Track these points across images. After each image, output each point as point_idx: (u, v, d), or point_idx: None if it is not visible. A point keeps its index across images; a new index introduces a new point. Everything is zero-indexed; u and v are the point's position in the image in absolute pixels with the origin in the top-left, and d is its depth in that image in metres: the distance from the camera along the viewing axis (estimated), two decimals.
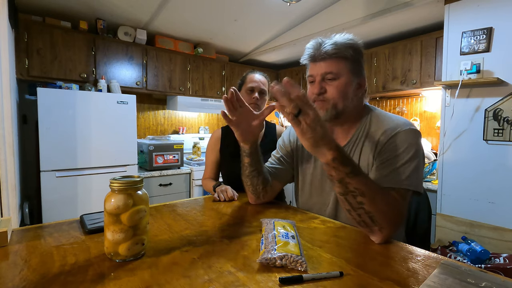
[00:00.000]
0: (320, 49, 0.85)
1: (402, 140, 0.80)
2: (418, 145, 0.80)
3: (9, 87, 1.52)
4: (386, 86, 2.82)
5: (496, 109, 1.88)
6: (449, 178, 2.10)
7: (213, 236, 0.75)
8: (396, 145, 0.80)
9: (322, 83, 0.85)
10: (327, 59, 0.84)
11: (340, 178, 0.69)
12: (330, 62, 0.84)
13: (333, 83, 0.85)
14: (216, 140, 1.48)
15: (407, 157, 0.78)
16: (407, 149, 0.79)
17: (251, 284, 0.52)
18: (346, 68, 0.85)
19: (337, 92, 0.84)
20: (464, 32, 1.99)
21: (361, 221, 0.72)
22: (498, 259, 1.69)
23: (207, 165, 1.50)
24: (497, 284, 0.50)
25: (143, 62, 2.91)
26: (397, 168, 0.77)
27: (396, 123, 0.84)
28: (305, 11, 2.48)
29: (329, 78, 0.85)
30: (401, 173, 0.77)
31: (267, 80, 1.43)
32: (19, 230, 0.77)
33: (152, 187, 2.73)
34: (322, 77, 0.85)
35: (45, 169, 2.18)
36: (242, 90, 1.41)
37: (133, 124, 2.59)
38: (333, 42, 0.85)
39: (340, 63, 0.84)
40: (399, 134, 0.81)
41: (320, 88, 0.85)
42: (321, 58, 0.85)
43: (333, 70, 0.84)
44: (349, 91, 0.86)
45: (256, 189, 1.01)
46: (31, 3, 2.33)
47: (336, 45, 0.84)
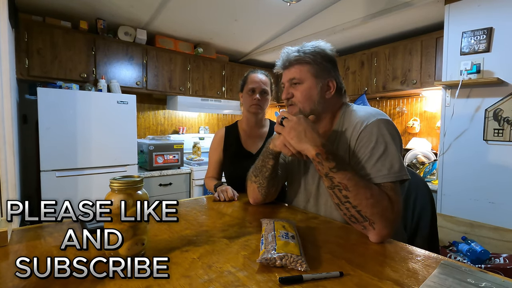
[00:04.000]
0: (287, 57, 0.92)
1: (371, 133, 0.81)
2: (389, 133, 0.80)
3: (9, 87, 1.52)
4: (386, 86, 2.82)
5: (496, 109, 1.88)
6: (449, 178, 2.10)
7: (213, 236, 0.75)
8: (367, 140, 0.81)
9: (290, 88, 0.92)
10: (292, 65, 0.91)
11: (325, 173, 0.75)
12: (294, 68, 0.90)
13: (298, 88, 0.90)
14: (220, 140, 1.47)
15: (381, 149, 0.78)
16: (378, 142, 0.79)
17: (251, 284, 0.52)
18: (309, 72, 0.89)
19: (302, 96, 0.89)
20: (464, 32, 1.99)
21: (351, 215, 0.75)
22: (498, 259, 1.69)
23: (210, 164, 1.49)
24: (497, 284, 0.50)
25: (143, 62, 2.91)
26: (375, 164, 0.78)
27: (363, 118, 0.85)
28: (305, 11, 2.48)
29: (295, 83, 0.90)
30: (381, 168, 0.77)
31: (268, 79, 1.41)
32: (19, 230, 0.77)
33: (152, 187, 2.73)
34: (290, 83, 0.91)
35: (45, 169, 2.18)
36: (244, 91, 1.40)
37: (133, 124, 2.59)
38: (296, 49, 0.91)
39: (302, 69, 0.89)
40: (367, 128, 0.82)
41: (287, 93, 0.92)
42: (287, 65, 0.92)
43: (296, 76, 0.90)
44: (313, 94, 0.89)
45: (269, 191, 1.02)
46: (31, 3, 2.33)
47: (298, 52, 0.90)
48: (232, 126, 1.49)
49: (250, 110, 1.37)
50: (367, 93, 2.97)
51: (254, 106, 1.35)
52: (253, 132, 1.45)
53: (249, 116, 1.41)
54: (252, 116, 1.40)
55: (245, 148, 1.42)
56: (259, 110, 1.37)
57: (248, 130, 1.45)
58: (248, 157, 1.38)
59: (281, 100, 4.18)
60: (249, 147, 1.43)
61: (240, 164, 1.36)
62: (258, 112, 1.37)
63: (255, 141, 1.44)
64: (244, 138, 1.45)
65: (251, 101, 1.35)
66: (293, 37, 3.01)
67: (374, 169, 0.78)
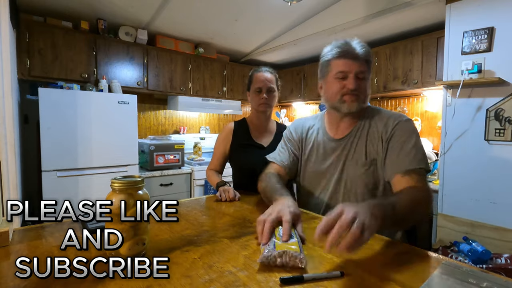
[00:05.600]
0: (351, 48, 0.92)
1: (405, 128, 0.92)
2: (417, 131, 0.94)
3: (10, 87, 1.53)
4: (387, 86, 2.82)
5: (498, 109, 1.87)
6: (450, 178, 2.10)
7: (214, 236, 0.75)
8: (402, 133, 0.92)
9: (356, 80, 0.93)
10: (360, 59, 0.92)
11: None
12: (362, 62, 0.93)
13: (363, 82, 0.94)
14: (228, 133, 1.48)
15: (412, 142, 0.90)
16: (411, 136, 0.91)
17: (251, 284, 0.52)
18: (369, 70, 0.96)
19: (366, 91, 0.95)
20: (465, 32, 1.98)
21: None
22: (499, 260, 1.69)
23: (215, 155, 1.50)
24: (499, 284, 0.50)
25: (144, 62, 2.91)
26: (409, 152, 0.88)
27: (394, 115, 0.97)
28: (306, 11, 2.48)
29: (361, 77, 0.93)
30: (414, 156, 0.87)
31: (274, 76, 1.43)
32: (21, 230, 0.77)
33: (153, 187, 2.73)
34: (356, 75, 0.92)
35: (46, 169, 2.18)
36: (251, 90, 1.43)
37: (134, 124, 2.59)
38: (362, 45, 0.94)
39: (367, 65, 0.94)
40: (401, 124, 0.93)
41: (356, 84, 0.92)
42: (354, 57, 0.92)
43: (365, 70, 0.93)
44: (369, 91, 0.98)
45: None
46: (32, 3, 2.33)
47: (366, 49, 0.94)
48: (242, 121, 1.53)
49: (259, 109, 1.41)
50: None
51: (262, 105, 1.39)
52: (262, 127, 1.49)
53: (258, 114, 1.45)
54: (261, 114, 1.44)
55: (256, 141, 1.46)
56: (268, 108, 1.41)
57: (258, 124, 1.48)
58: (260, 148, 1.43)
59: (282, 100, 4.19)
60: (260, 140, 1.46)
61: (252, 155, 1.40)
62: (266, 110, 1.42)
63: (265, 134, 1.48)
64: (254, 132, 1.48)
65: (258, 100, 1.39)
66: (293, 37, 3.00)
67: (409, 156, 0.87)
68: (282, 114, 4.34)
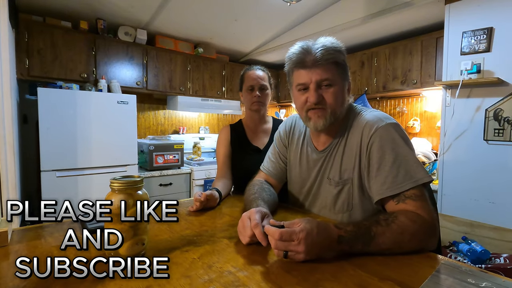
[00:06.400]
0: (311, 54, 0.80)
1: (384, 137, 0.77)
2: (400, 137, 0.77)
3: (9, 87, 1.52)
4: (387, 86, 2.82)
5: (497, 109, 1.88)
6: (449, 178, 2.10)
7: (214, 236, 0.75)
8: (379, 146, 0.77)
9: (318, 90, 0.81)
10: (321, 65, 0.79)
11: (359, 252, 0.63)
12: (325, 68, 0.79)
13: (329, 90, 0.81)
14: (226, 135, 1.44)
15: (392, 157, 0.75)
16: (391, 148, 0.76)
17: (251, 284, 0.52)
18: (338, 73, 0.82)
19: (335, 99, 0.81)
20: (464, 32, 1.99)
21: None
22: (498, 259, 1.69)
23: (218, 162, 1.43)
24: (498, 284, 0.50)
25: (143, 62, 2.91)
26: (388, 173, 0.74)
27: (372, 121, 0.81)
28: (305, 11, 2.48)
29: (325, 85, 0.80)
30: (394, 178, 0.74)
31: (266, 74, 1.39)
32: (20, 230, 0.77)
33: (153, 187, 2.73)
34: (317, 84, 0.80)
35: (46, 169, 2.18)
36: (243, 89, 1.39)
37: (134, 124, 2.59)
38: (323, 46, 0.79)
39: (333, 69, 0.80)
40: (378, 132, 0.78)
41: (317, 96, 0.80)
42: (314, 64, 0.79)
43: (329, 77, 0.80)
44: (344, 97, 0.84)
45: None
46: (31, 3, 2.33)
47: (328, 50, 0.79)
48: (237, 124, 1.49)
49: (252, 108, 1.36)
50: (367, 93, 2.97)
51: (255, 103, 1.34)
52: (257, 128, 1.44)
53: (252, 114, 1.40)
54: (255, 114, 1.39)
55: (252, 143, 1.42)
56: (261, 107, 1.36)
57: (252, 126, 1.44)
58: (256, 151, 1.38)
59: (281, 100, 4.20)
60: (256, 142, 1.42)
61: (249, 159, 1.36)
62: (260, 108, 1.36)
63: (261, 136, 1.44)
64: (249, 134, 1.44)
65: (251, 98, 1.34)
66: (293, 37, 3.01)
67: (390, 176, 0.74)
68: (282, 114, 4.34)
